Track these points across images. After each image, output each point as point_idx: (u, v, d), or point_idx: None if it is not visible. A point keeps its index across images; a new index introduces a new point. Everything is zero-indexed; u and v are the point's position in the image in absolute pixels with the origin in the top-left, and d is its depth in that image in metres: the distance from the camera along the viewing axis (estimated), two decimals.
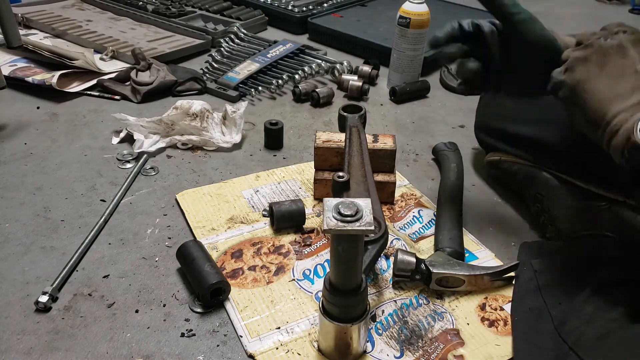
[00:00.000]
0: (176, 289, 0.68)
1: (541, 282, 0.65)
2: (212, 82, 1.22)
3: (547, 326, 0.59)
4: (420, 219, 0.82)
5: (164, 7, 1.62)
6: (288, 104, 1.18)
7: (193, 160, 0.96)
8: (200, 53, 1.40)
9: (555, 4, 2.09)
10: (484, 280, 0.68)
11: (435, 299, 0.68)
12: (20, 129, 1.02)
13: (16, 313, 0.64)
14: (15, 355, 0.58)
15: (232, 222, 0.80)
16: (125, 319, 0.63)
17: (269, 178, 0.91)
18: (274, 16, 1.62)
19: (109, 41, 1.38)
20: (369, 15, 1.62)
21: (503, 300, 0.68)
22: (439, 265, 0.67)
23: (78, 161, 0.94)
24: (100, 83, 1.17)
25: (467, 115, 1.13)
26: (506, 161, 0.87)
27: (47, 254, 0.73)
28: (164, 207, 0.83)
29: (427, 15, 1.17)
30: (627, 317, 0.56)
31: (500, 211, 0.87)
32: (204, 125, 0.99)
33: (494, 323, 0.65)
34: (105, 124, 1.05)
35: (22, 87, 1.15)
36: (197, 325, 0.63)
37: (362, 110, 0.89)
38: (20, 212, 0.80)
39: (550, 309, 0.61)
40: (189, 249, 0.69)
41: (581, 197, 0.76)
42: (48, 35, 1.42)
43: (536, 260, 0.69)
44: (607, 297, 0.59)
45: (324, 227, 0.48)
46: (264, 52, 1.31)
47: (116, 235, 0.77)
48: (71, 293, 0.67)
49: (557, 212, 0.77)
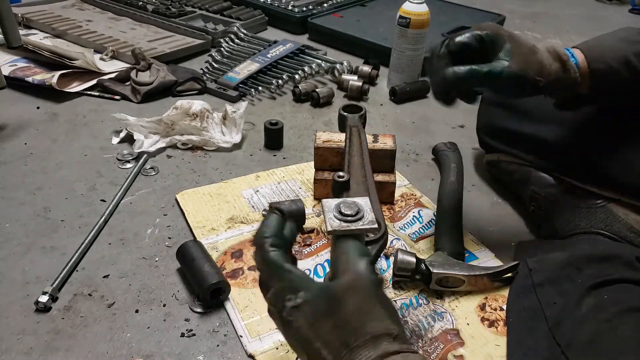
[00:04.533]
0: (176, 289, 0.68)
1: (536, 280, 0.66)
2: (212, 82, 1.22)
3: (542, 327, 0.59)
4: (420, 219, 0.82)
5: (164, 7, 1.62)
6: (288, 104, 1.18)
7: (193, 160, 0.96)
8: (200, 53, 1.40)
9: (555, 4, 2.09)
10: (484, 280, 0.68)
11: (435, 299, 0.68)
12: (20, 129, 1.02)
13: (16, 313, 0.64)
14: (15, 355, 0.58)
15: (232, 222, 0.80)
16: (125, 319, 0.63)
17: (269, 178, 0.91)
18: (274, 16, 1.62)
19: (109, 41, 1.38)
20: (369, 15, 1.62)
21: (503, 301, 0.68)
22: (439, 265, 0.67)
23: (78, 161, 0.94)
24: (100, 83, 1.17)
25: (467, 115, 1.13)
26: (504, 161, 0.87)
27: (47, 254, 0.73)
28: (164, 207, 0.83)
29: (427, 15, 1.17)
30: (620, 317, 0.56)
31: (500, 211, 0.87)
32: (204, 125, 0.99)
33: (493, 323, 0.65)
34: (105, 124, 1.05)
35: (22, 87, 1.15)
36: (197, 325, 0.63)
37: (362, 110, 0.89)
38: (21, 212, 0.80)
39: (545, 309, 0.61)
40: (189, 249, 0.69)
41: (576, 196, 0.76)
42: (48, 35, 1.42)
43: (531, 259, 0.69)
44: (601, 297, 0.59)
45: (328, 228, 0.48)
46: (264, 52, 1.31)
47: (116, 235, 0.77)
48: (71, 293, 0.67)
49: (552, 210, 0.77)
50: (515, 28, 1.75)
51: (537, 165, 0.81)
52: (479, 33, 0.63)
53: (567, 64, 0.63)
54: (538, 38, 0.67)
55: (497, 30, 0.64)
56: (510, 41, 0.63)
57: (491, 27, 0.64)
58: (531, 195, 0.81)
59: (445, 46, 0.63)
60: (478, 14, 1.67)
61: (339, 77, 1.26)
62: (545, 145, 0.79)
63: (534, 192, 0.80)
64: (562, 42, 0.65)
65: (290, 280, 0.41)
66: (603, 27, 1.85)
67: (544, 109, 0.80)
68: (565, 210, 0.76)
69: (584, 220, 0.74)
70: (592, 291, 0.60)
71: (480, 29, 0.64)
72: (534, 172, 0.81)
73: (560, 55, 0.63)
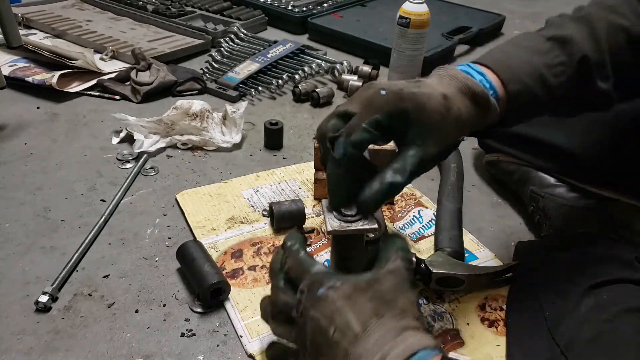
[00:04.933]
0: (176, 289, 0.68)
1: (536, 280, 0.66)
2: (212, 82, 1.22)
3: (542, 327, 0.59)
4: (420, 219, 0.82)
5: (164, 7, 1.62)
6: (288, 104, 1.18)
7: (193, 160, 0.96)
8: (200, 53, 1.40)
9: (556, 4, 2.09)
10: (484, 280, 0.68)
11: (435, 299, 0.68)
12: (20, 129, 1.02)
13: (16, 313, 0.64)
14: (15, 355, 0.58)
15: (232, 222, 0.80)
16: (125, 319, 0.63)
17: (269, 178, 0.91)
18: (274, 16, 1.62)
19: (109, 41, 1.38)
20: (369, 15, 1.62)
21: (503, 301, 0.68)
22: (439, 265, 0.67)
23: (78, 161, 0.94)
24: (100, 83, 1.17)
25: None
26: (503, 161, 0.87)
27: (47, 254, 0.73)
28: (164, 207, 0.83)
29: (427, 15, 1.17)
30: (620, 317, 0.56)
31: (500, 211, 0.87)
32: (204, 125, 0.99)
33: (494, 323, 0.65)
34: (105, 124, 1.05)
35: (22, 87, 1.15)
36: (197, 325, 0.63)
37: None
38: (20, 212, 0.80)
39: (545, 309, 0.61)
40: (188, 249, 0.69)
41: (575, 196, 0.76)
42: (48, 35, 1.42)
43: (531, 258, 0.69)
44: (600, 297, 0.59)
45: (328, 228, 0.48)
46: (264, 52, 1.31)
47: (116, 235, 0.77)
48: (71, 293, 0.67)
49: (551, 210, 0.77)
50: (515, 28, 1.75)
51: (536, 166, 0.81)
52: (376, 120, 0.47)
53: (488, 102, 0.51)
54: (446, 70, 0.52)
55: (396, 104, 0.47)
56: (415, 112, 0.47)
57: (390, 102, 0.47)
58: (531, 196, 0.81)
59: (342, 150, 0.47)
60: (478, 14, 1.67)
61: (339, 77, 1.26)
62: (545, 145, 0.79)
63: (534, 192, 0.80)
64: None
65: (324, 273, 0.45)
66: None
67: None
68: (565, 210, 0.76)
69: (583, 220, 0.74)
70: (591, 291, 0.60)
71: (375, 109, 0.47)
72: (533, 172, 0.81)
73: (476, 94, 0.50)
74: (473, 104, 0.50)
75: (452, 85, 0.50)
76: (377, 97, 0.47)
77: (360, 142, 0.47)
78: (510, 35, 1.70)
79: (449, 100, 0.48)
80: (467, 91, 0.50)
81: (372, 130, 0.47)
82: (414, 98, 0.47)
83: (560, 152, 0.77)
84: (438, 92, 0.48)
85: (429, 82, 0.50)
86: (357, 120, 0.47)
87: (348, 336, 0.40)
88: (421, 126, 0.47)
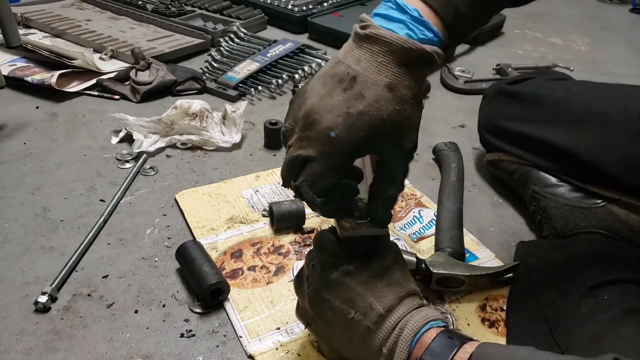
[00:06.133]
0: (175, 289, 0.68)
1: (536, 281, 0.66)
2: (212, 81, 1.22)
3: (542, 327, 0.59)
4: (421, 219, 0.82)
5: (163, 7, 1.61)
6: (288, 104, 1.18)
7: (192, 160, 0.96)
8: (200, 52, 1.40)
9: (556, 3, 2.09)
10: (485, 280, 0.68)
11: (436, 299, 0.68)
12: (20, 128, 1.02)
13: (15, 313, 0.63)
14: (14, 356, 0.58)
15: (232, 222, 0.80)
16: (124, 320, 0.63)
17: (268, 178, 0.91)
18: (274, 15, 1.62)
19: (109, 41, 1.38)
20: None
21: (503, 301, 0.67)
22: (439, 266, 0.67)
23: (77, 161, 0.93)
24: (99, 83, 1.17)
25: (467, 115, 1.13)
26: (505, 160, 0.87)
27: (47, 254, 0.72)
28: (163, 207, 0.83)
29: None
30: (620, 317, 0.56)
31: (500, 211, 0.87)
32: (203, 125, 0.99)
33: (494, 324, 0.65)
34: (104, 123, 1.05)
35: (22, 87, 1.15)
36: (197, 325, 0.63)
37: None
38: (20, 212, 0.80)
39: (545, 309, 0.61)
40: (188, 249, 0.69)
41: (577, 196, 0.76)
42: (47, 35, 1.41)
43: (532, 259, 0.69)
44: (601, 298, 0.59)
45: (339, 230, 0.49)
46: (264, 51, 1.31)
47: (115, 235, 0.77)
48: (70, 293, 0.67)
49: (552, 210, 0.77)
50: (515, 28, 1.75)
51: (538, 165, 0.81)
52: (338, 166, 0.44)
53: (432, 57, 0.44)
54: (376, 37, 0.45)
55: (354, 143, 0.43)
56: (375, 136, 0.44)
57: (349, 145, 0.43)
58: (532, 195, 0.81)
59: (311, 199, 0.45)
60: None
61: None
62: (546, 145, 0.79)
63: (535, 192, 0.80)
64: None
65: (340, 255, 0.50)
66: (604, 26, 1.85)
67: (546, 109, 0.80)
68: (566, 210, 0.76)
69: (584, 220, 0.74)
70: (592, 291, 0.60)
71: (334, 152, 0.43)
72: (534, 172, 0.81)
73: (419, 58, 0.44)
74: (419, 67, 0.44)
75: (390, 63, 0.43)
76: (331, 140, 0.42)
77: (326, 189, 0.44)
78: (511, 35, 1.70)
79: (395, 90, 0.43)
80: (409, 61, 0.43)
81: (336, 174, 0.44)
82: (367, 124, 0.42)
83: (561, 152, 0.77)
84: (381, 84, 0.43)
85: (364, 73, 0.43)
86: (318, 169, 0.43)
87: (370, 316, 0.47)
88: (387, 139, 0.44)
